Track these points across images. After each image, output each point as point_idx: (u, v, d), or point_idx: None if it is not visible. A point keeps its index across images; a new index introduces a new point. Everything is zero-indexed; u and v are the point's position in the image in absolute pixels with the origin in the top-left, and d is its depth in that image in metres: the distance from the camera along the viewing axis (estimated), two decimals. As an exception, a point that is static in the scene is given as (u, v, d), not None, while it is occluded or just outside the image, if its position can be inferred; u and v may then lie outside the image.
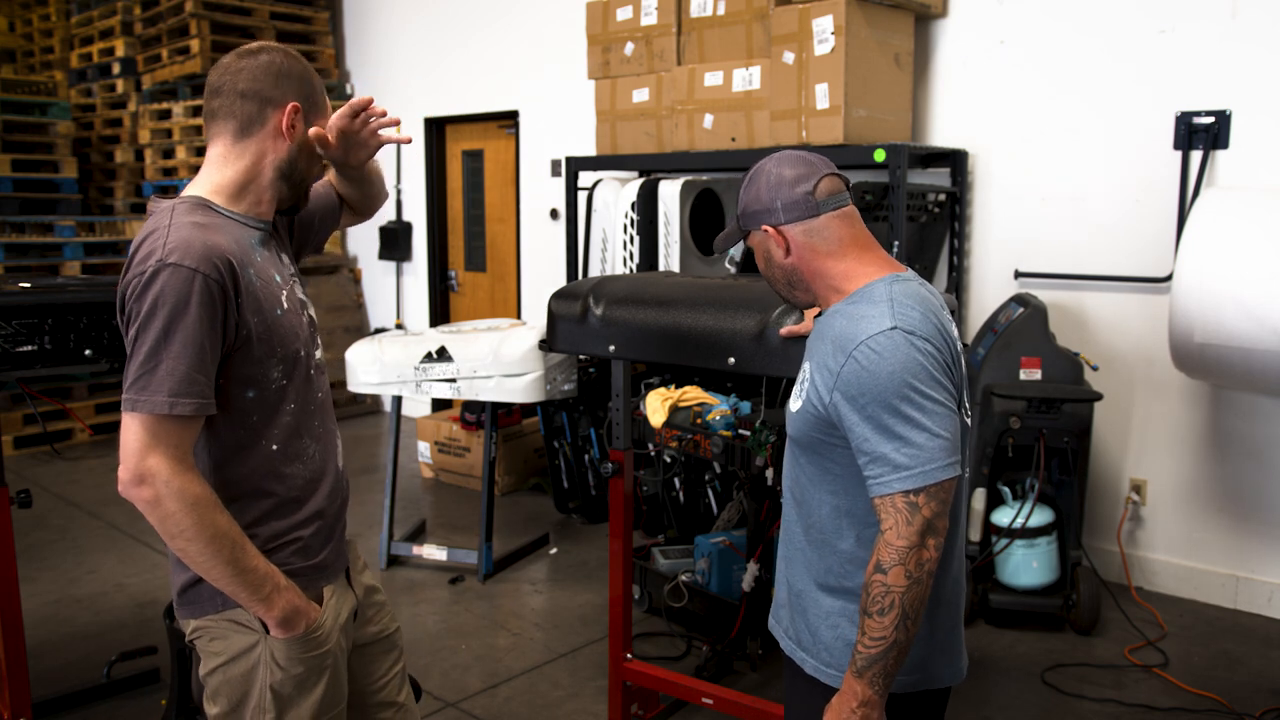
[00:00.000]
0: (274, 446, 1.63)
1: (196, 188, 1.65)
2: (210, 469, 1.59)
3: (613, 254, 4.80)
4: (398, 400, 4.56)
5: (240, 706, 1.64)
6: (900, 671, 1.60)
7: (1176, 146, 3.90)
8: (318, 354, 1.76)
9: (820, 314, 1.71)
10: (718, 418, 3.30)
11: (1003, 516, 3.74)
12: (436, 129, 6.93)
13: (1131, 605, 3.92)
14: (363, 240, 7.50)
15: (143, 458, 1.47)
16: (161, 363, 1.47)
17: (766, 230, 1.64)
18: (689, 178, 4.58)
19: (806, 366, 1.67)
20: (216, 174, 1.65)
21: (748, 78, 4.29)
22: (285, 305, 1.65)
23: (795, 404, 1.67)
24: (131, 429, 1.48)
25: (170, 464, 1.48)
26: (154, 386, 1.47)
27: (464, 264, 6.99)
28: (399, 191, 7.07)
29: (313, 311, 1.79)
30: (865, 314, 1.56)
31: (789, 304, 1.75)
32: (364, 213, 2.03)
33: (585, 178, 5.05)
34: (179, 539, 1.51)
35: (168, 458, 1.48)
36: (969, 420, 1.68)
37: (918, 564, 1.47)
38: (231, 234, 1.59)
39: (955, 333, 1.64)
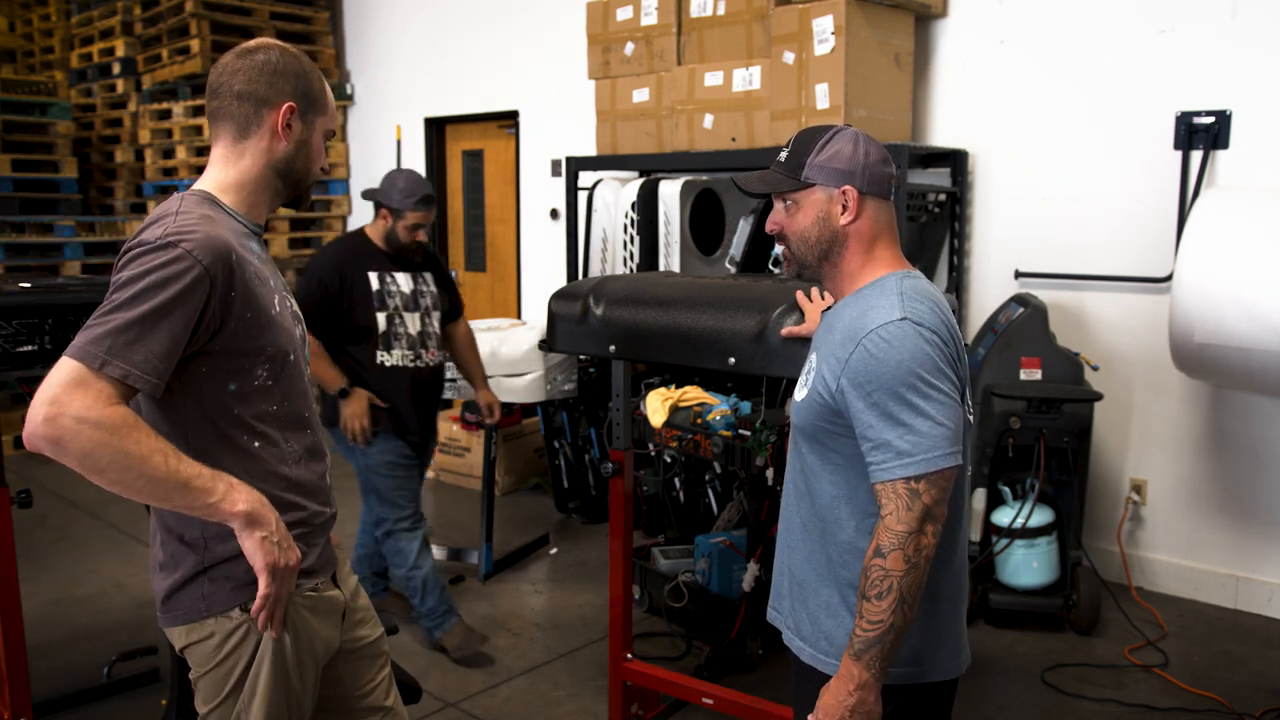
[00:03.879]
0: (255, 444, 1.63)
1: (204, 184, 1.67)
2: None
3: (613, 254, 4.80)
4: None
5: (229, 696, 1.64)
6: (901, 663, 1.62)
7: (1176, 146, 3.90)
8: (307, 368, 1.77)
9: (828, 309, 1.74)
10: (718, 418, 3.30)
11: (1003, 516, 3.74)
12: (436, 129, 6.93)
13: (1131, 605, 3.92)
14: (363, 240, 7.49)
15: (54, 397, 1.39)
16: (114, 321, 1.44)
17: (845, 190, 1.64)
18: (689, 178, 4.58)
19: (812, 357, 1.70)
20: (220, 173, 1.67)
21: (748, 78, 4.29)
22: (278, 308, 1.66)
23: (800, 393, 1.70)
24: (56, 370, 1.42)
25: (86, 401, 1.40)
26: (96, 338, 1.43)
27: (464, 264, 6.99)
28: (399, 191, 7.07)
29: (305, 329, 1.79)
30: (876, 305, 1.59)
31: (799, 273, 1.73)
32: None
33: (585, 178, 5.05)
34: (110, 470, 1.42)
35: (85, 397, 1.40)
36: (971, 418, 1.69)
37: (916, 549, 1.50)
38: (234, 232, 1.61)
39: (959, 331, 1.67)
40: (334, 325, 3.35)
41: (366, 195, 3.46)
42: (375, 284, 3.36)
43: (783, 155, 1.70)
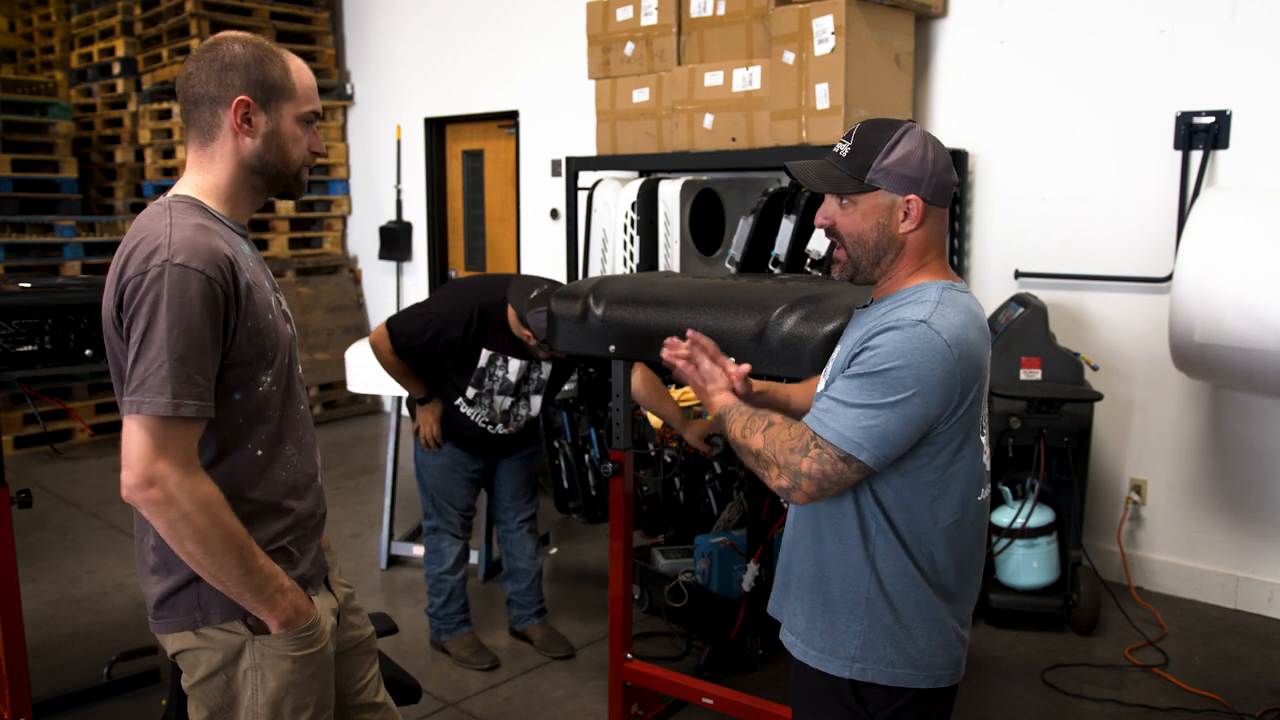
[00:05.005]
0: (259, 452, 1.62)
1: (184, 188, 1.63)
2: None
3: (613, 254, 4.80)
4: (398, 400, 4.56)
5: (230, 715, 1.63)
6: (907, 666, 1.64)
7: (1176, 146, 3.90)
8: (299, 367, 1.75)
9: (862, 307, 1.74)
10: (718, 418, 3.29)
11: (1003, 516, 3.74)
12: (436, 129, 6.93)
13: (1131, 605, 3.92)
14: (363, 240, 7.50)
15: (150, 461, 1.45)
16: (165, 364, 1.44)
17: (910, 199, 1.60)
18: (689, 178, 4.58)
19: (838, 351, 1.70)
20: (198, 178, 1.64)
21: (748, 78, 4.29)
22: (274, 311, 1.64)
23: (822, 386, 1.70)
24: (135, 432, 1.46)
25: (179, 466, 1.46)
26: (157, 388, 1.44)
27: (464, 264, 6.99)
28: (399, 191, 7.08)
29: (294, 326, 1.77)
30: (908, 306, 1.59)
31: (852, 276, 1.69)
32: None
33: (585, 178, 5.05)
34: (188, 541, 1.49)
35: (176, 460, 1.46)
36: (985, 441, 1.68)
37: (764, 463, 1.62)
38: (226, 237, 1.58)
39: (988, 352, 1.65)
40: (424, 363, 3.30)
41: (516, 306, 3.15)
42: (483, 361, 3.26)
43: (843, 149, 1.64)
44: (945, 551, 1.63)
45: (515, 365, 3.29)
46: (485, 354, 3.25)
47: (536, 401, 3.42)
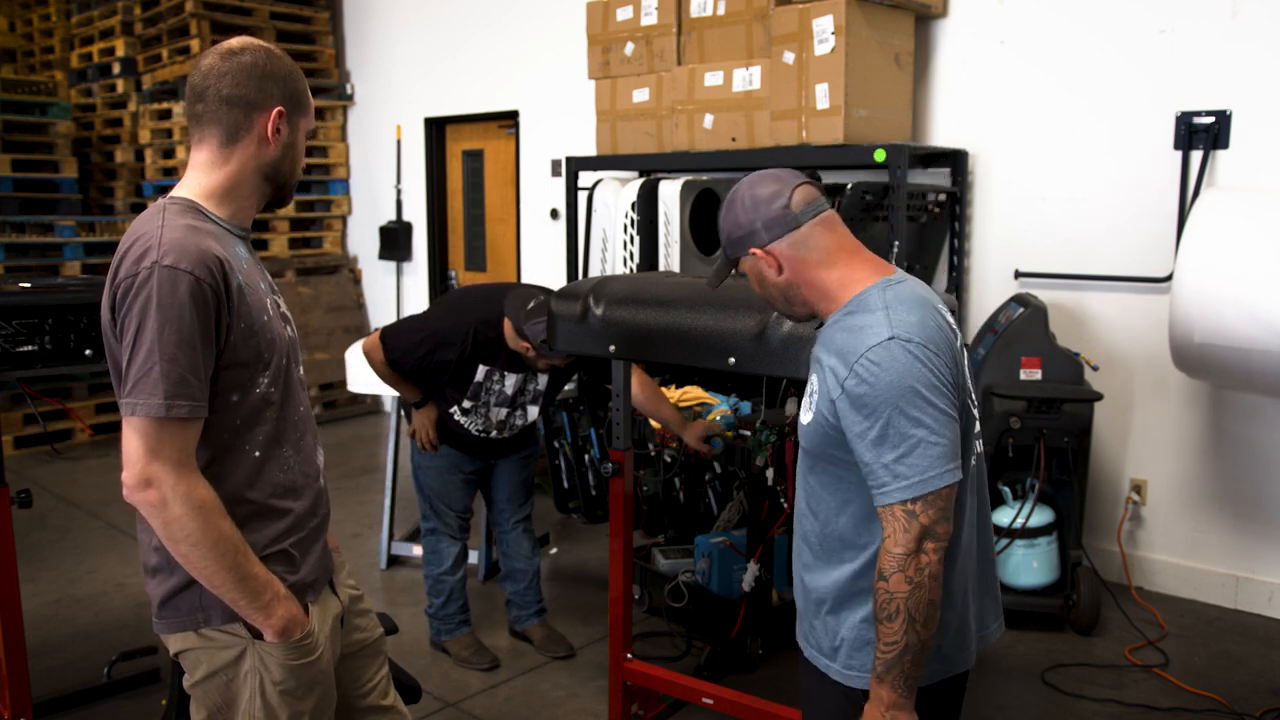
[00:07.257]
0: (255, 453, 1.63)
1: (185, 190, 1.63)
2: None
3: (613, 254, 4.80)
4: (398, 400, 4.56)
5: (229, 716, 1.63)
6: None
7: (1176, 146, 3.90)
8: (300, 369, 1.76)
9: (819, 326, 1.71)
10: (718, 418, 3.30)
11: (1003, 516, 3.74)
12: (436, 129, 6.93)
13: (1131, 605, 3.92)
14: (363, 240, 7.50)
15: (147, 463, 1.47)
16: (156, 365, 1.46)
17: (755, 253, 1.65)
18: (689, 178, 4.58)
19: (813, 379, 1.67)
20: (204, 178, 1.63)
21: (748, 78, 4.29)
22: (270, 313, 1.65)
23: (806, 417, 1.68)
24: (132, 434, 1.48)
25: (173, 468, 1.48)
26: (149, 390, 1.46)
27: (464, 264, 6.99)
28: (399, 191, 7.08)
29: (294, 329, 1.78)
30: (863, 324, 1.56)
31: (790, 318, 1.76)
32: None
33: (585, 178, 5.05)
34: (183, 544, 1.50)
35: (170, 462, 1.48)
36: (975, 412, 1.68)
37: (916, 569, 1.50)
38: (220, 239, 1.58)
39: (955, 329, 1.64)
40: (417, 377, 3.29)
41: (513, 319, 3.11)
42: (480, 376, 3.25)
43: None
44: (957, 545, 1.63)
45: (511, 379, 3.29)
46: (481, 370, 3.24)
47: (533, 410, 3.42)
